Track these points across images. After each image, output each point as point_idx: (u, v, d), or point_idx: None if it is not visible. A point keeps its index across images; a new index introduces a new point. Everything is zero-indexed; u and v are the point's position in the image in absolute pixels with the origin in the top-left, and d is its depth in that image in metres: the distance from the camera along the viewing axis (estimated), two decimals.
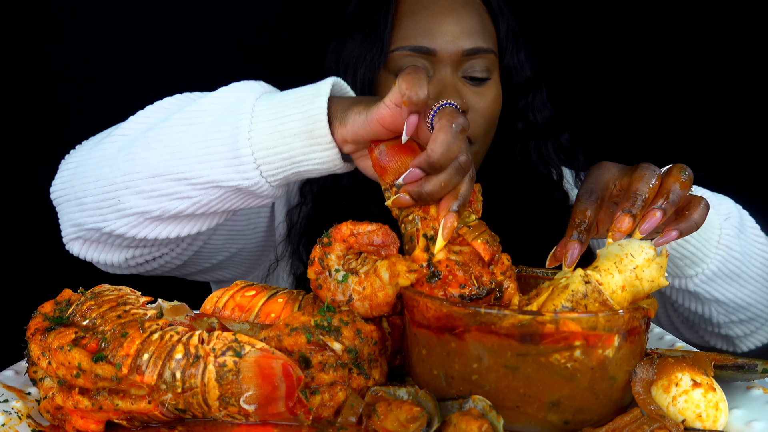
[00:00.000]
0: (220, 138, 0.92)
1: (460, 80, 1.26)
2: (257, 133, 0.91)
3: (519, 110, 1.37)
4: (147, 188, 0.97)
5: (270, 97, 0.94)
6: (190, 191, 0.95)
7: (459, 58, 1.24)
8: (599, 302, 0.77)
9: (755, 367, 0.79)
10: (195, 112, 0.96)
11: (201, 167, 0.93)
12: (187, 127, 0.95)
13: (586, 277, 0.78)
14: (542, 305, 0.78)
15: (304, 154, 0.91)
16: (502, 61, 1.32)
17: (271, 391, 0.72)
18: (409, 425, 0.70)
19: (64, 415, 0.75)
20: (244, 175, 0.92)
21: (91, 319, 0.78)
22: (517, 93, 1.36)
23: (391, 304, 0.83)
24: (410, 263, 0.83)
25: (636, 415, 0.74)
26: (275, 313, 0.84)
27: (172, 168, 0.94)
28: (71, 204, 1.05)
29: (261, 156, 0.91)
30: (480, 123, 1.26)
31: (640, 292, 0.80)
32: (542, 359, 0.71)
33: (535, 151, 1.38)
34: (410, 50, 1.24)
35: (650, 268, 0.80)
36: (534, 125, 1.37)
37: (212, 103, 0.96)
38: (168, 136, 0.96)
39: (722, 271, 1.11)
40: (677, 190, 0.84)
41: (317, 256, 0.85)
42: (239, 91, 0.96)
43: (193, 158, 0.93)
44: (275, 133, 0.91)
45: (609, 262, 0.80)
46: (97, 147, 1.03)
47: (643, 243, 0.81)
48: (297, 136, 0.90)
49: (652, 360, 0.77)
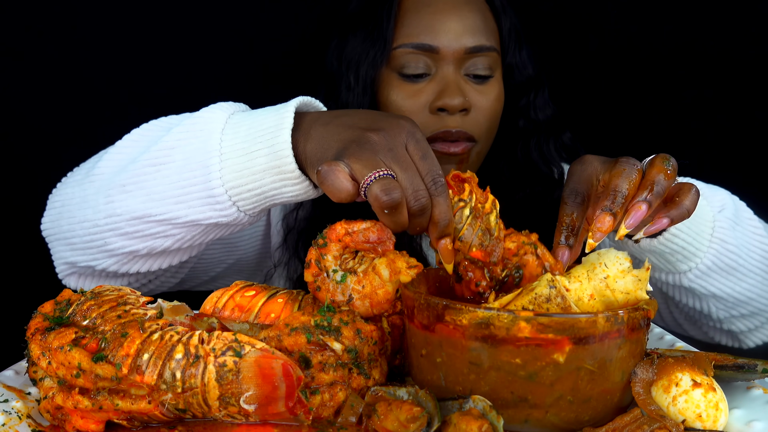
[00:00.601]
0: (193, 178, 0.93)
1: (462, 78, 1.26)
2: (227, 171, 0.91)
3: (520, 108, 1.37)
4: (130, 230, 0.98)
5: (237, 128, 0.93)
6: (171, 230, 0.97)
7: (462, 55, 1.25)
8: (561, 307, 0.76)
9: (755, 367, 0.79)
10: (163, 150, 0.95)
11: (179, 208, 0.94)
12: (158, 167, 0.95)
13: (552, 281, 0.77)
14: (506, 305, 0.78)
15: (276, 189, 0.91)
16: (505, 60, 1.33)
17: (271, 391, 0.72)
18: (409, 425, 0.70)
19: (64, 415, 0.75)
20: (221, 213, 0.93)
21: (91, 319, 0.78)
22: (518, 91, 1.35)
23: (391, 301, 0.83)
24: (409, 259, 0.83)
25: (636, 415, 0.74)
26: (275, 313, 0.84)
27: (151, 210, 0.95)
28: (61, 243, 1.06)
29: (235, 193, 0.92)
30: (482, 121, 1.26)
31: (613, 303, 0.78)
32: (541, 362, 0.71)
33: (536, 150, 1.37)
34: (413, 47, 1.25)
35: (624, 280, 0.78)
36: (535, 123, 1.37)
37: (179, 140, 0.95)
38: (141, 178, 0.96)
39: (717, 265, 1.08)
40: (662, 181, 0.82)
41: (313, 258, 0.85)
42: (205, 122, 0.95)
43: (169, 200, 0.94)
44: (245, 170, 0.91)
45: (582, 269, 0.80)
46: (79, 186, 1.04)
47: (619, 253, 0.79)
48: (266, 172, 0.90)
49: (652, 360, 0.77)
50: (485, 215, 0.82)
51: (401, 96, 1.26)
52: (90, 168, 1.05)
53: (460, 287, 0.84)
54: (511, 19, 1.33)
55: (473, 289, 0.83)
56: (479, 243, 0.81)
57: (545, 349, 0.71)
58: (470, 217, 0.82)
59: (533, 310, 0.76)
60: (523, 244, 0.83)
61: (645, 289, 0.78)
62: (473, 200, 0.83)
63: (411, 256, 0.84)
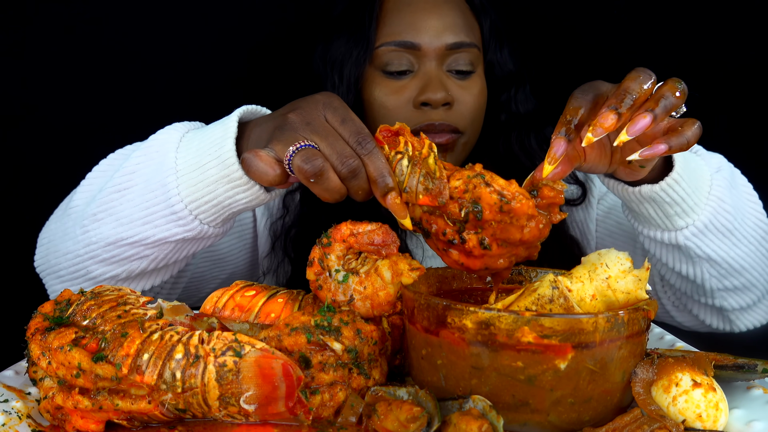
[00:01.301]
0: (155, 198, 0.97)
1: (444, 74, 1.29)
2: (184, 187, 0.95)
3: (502, 103, 1.40)
4: (107, 256, 1.02)
5: (189, 144, 0.97)
6: (145, 251, 1.00)
7: (443, 52, 1.28)
8: (564, 308, 0.76)
9: (755, 367, 0.79)
10: (126, 175, 1.00)
11: (146, 229, 0.98)
12: (122, 192, 1.00)
13: (554, 282, 0.77)
14: (509, 306, 0.78)
15: (230, 198, 0.94)
16: (486, 56, 1.36)
17: (271, 391, 0.72)
18: (409, 425, 0.70)
19: (64, 415, 0.75)
20: (185, 228, 0.97)
21: (91, 319, 0.78)
22: (500, 86, 1.39)
23: (392, 303, 0.84)
24: (411, 261, 0.83)
25: (636, 415, 0.74)
26: (275, 313, 0.84)
27: (122, 234, 0.99)
28: (52, 277, 1.10)
29: (194, 207, 0.95)
30: (466, 114, 1.30)
31: (614, 303, 0.78)
32: (543, 366, 0.71)
33: (518, 143, 1.40)
34: (395, 45, 1.28)
35: (625, 280, 0.78)
36: (516, 117, 1.40)
37: (138, 164, 1.00)
38: (109, 205, 1.00)
39: (713, 224, 1.06)
40: (670, 98, 0.80)
41: (317, 257, 0.85)
42: (160, 143, 0.99)
43: (137, 222, 0.98)
44: (199, 183, 0.94)
45: (583, 269, 0.80)
46: (60, 222, 1.09)
47: (620, 254, 0.79)
48: (218, 183, 0.93)
49: (652, 360, 0.77)
50: (423, 159, 0.81)
51: (384, 92, 1.30)
52: (67, 202, 1.11)
53: (433, 242, 0.83)
54: (491, 18, 1.37)
55: (443, 239, 0.81)
56: (424, 188, 0.80)
57: (547, 355, 0.71)
58: (410, 166, 0.81)
59: (536, 311, 0.76)
60: (470, 178, 0.79)
61: (645, 289, 0.78)
62: (410, 149, 0.82)
63: (413, 259, 0.84)
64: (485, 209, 0.78)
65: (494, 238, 0.79)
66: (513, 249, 0.81)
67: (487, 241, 0.80)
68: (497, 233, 0.79)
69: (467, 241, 0.80)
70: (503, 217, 0.78)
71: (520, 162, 1.39)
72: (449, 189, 0.80)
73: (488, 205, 0.78)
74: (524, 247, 0.81)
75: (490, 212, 0.78)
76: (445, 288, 0.90)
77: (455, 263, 0.83)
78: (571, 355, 0.71)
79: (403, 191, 0.81)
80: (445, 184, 0.80)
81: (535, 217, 0.79)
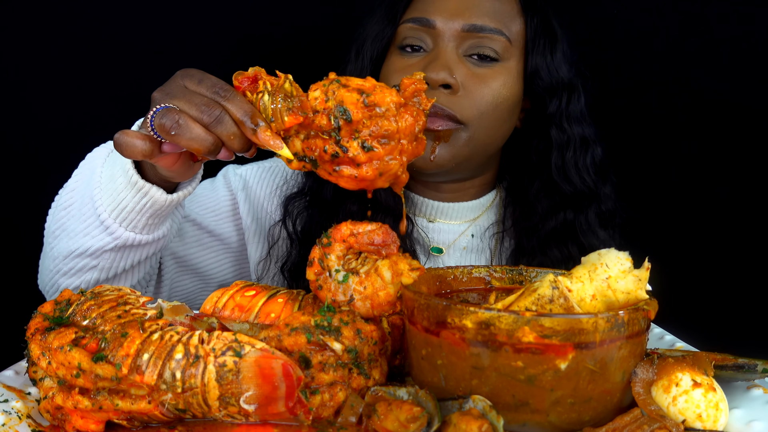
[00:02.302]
0: (88, 211, 1.03)
1: (460, 58, 1.21)
2: (105, 198, 1.01)
3: (550, 116, 1.28)
4: (66, 269, 1.08)
5: (111, 159, 1.02)
6: (91, 261, 1.06)
7: (458, 33, 1.21)
8: (564, 308, 0.76)
9: (755, 367, 0.79)
10: (69, 193, 1.07)
11: (86, 240, 1.04)
12: (68, 209, 1.07)
13: (554, 282, 0.77)
14: (509, 306, 0.78)
15: (138, 202, 1.00)
16: (529, 56, 1.26)
17: (271, 391, 0.72)
18: (409, 425, 0.70)
19: (64, 415, 0.75)
20: (115, 235, 1.03)
21: (91, 319, 0.78)
22: (547, 96, 1.27)
23: (392, 303, 0.84)
24: (411, 261, 0.83)
25: (636, 415, 0.74)
26: (275, 313, 0.84)
27: (70, 247, 1.06)
28: (48, 295, 1.17)
29: (116, 215, 1.01)
30: (473, 105, 1.19)
31: (614, 303, 0.78)
32: (543, 366, 0.71)
33: (569, 164, 1.28)
34: (412, 22, 1.24)
35: (625, 280, 0.78)
36: (567, 134, 1.28)
37: (77, 181, 1.07)
38: (61, 222, 1.08)
39: None
40: None
41: (317, 257, 0.85)
42: (92, 160, 1.06)
43: (79, 234, 1.05)
44: (113, 192, 1.00)
45: (583, 269, 0.80)
46: (44, 243, 1.15)
47: (620, 254, 0.79)
48: (126, 190, 0.99)
49: (652, 360, 0.77)
50: (280, 87, 0.82)
51: (392, 69, 1.25)
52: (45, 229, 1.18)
53: (323, 170, 0.83)
54: (543, 15, 1.26)
55: (328, 159, 0.82)
56: (286, 109, 0.80)
57: (548, 355, 0.71)
58: (270, 98, 0.82)
59: (536, 311, 0.76)
60: (326, 87, 0.81)
61: (645, 289, 0.78)
62: (269, 87, 0.82)
63: (413, 259, 0.84)
64: (351, 110, 0.79)
65: (372, 136, 0.81)
66: (396, 145, 0.82)
67: (368, 142, 0.81)
68: (373, 132, 0.80)
69: (348, 149, 0.81)
70: (371, 112, 0.80)
71: (571, 185, 1.28)
72: (311, 102, 0.81)
73: (352, 105, 0.80)
74: (408, 141, 0.82)
75: (357, 110, 0.80)
76: (445, 288, 0.90)
77: (351, 180, 0.83)
78: (571, 355, 0.71)
79: (271, 122, 0.81)
80: (304, 99, 0.81)
81: (405, 105, 0.82)
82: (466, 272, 0.91)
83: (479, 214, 1.36)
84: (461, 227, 1.35)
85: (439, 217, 1.34)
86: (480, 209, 1.36)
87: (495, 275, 0.92)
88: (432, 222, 1.35)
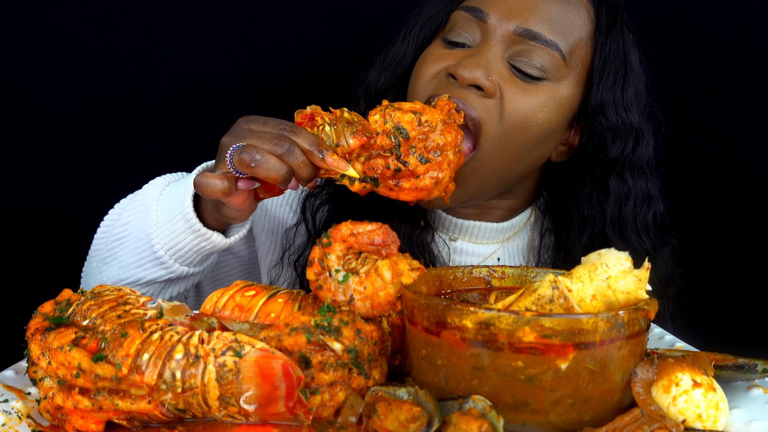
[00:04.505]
0: (143, 246, 1.10)
1: (504, 64, 1.08)
2: (162, 237, 1.07)
3: (611, 162, 1.13)
4: None
5: (165, 199, 1.09)
6: (141, 290, 1.12)
7: (509, 35, 1.08)
8: (564, 308, 0.76)
9: (755, 367, 0.79)
10: (122, 226, 1.14)
11: (138, 271, 1.11)
12: (121, 241, 1.13)
13: (554, 282, 0.77)
14: (509, 306, 0.78)
15: (197, 245, 1.07)
16: (595, 87, 1.11)
17: (271, 391, 0.72)
18: (409, 425, 0.70)
19: (64, 415, 0.75)
20: (169, 270, 1.10)
21: (91, 319, 0.78)
22: (609, 136, 1.12)
23: (392, 303, 0.84)
24: (411, 261, 0.83)
25: (636, 415, 0.74)
26: (275, 313, 0.84)
27: (121, 276, 1.12)
28: None
29: (173, 253, 1.08)
30: (501, 121, 1.06)
31: (614, 303, 0.78)
32: (543, 367, 0.71)
33: (631, 222, 1.15)
34: (465, 11, 1.12)
35: (625, 280, 0.77)
36: (628, 184, 1.14)
37: (131, 215, 1.13)
38: (113, 251, 1.14)
39: None
40: None
41: (317, 257, 0.85)
42: (145, 197, 1.12)
43: (131, 266, 1.11)
44: (171, 234, 1.07)
45: (583, 269, 0.79)
46: (88, 263, 1.22)
47: (620, 254, 0.78)
48: (185, 233, 1.06)
49: (652, 360, 0.77)
50: (340, 117, 0.92)
51: (427, 56, 1.13)
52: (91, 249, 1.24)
53: (384, 187, 0.94)
54: (619, 43, 1.11)
55: (390, 175, 0.92)
56: (351, 134, 0.90)
57: (548, 355, 0.71)
58: (332, 128, 0.91)
59: (536, 311, 0.76)
60: (383, 111, 0.93)
61: (645, 289, 0.78)
62: (326, 119, 0.92)
63: (414, 259, 0.85)
64: (408, 128, 0.92)
65: (426, 150, 0.93)
66: (445, 156, 0.94)
67: (424, 154, 0.93)
68: (426, 146, 0.93)
69: (408, 162, 0.92)
70: (423, 129, 0.93)
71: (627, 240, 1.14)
72: (372, 125, 0.92)
73: (408, 124, 0.92)
74: (453, 151, 0.95)
75: (413, 128, 0.92)
76: (446, 288, 0.90)
77: (412, 191, 0.94)
78: (572, 355, 0.71)
79: (337, 147, 0.91)
80: (366, 123, 0.92)
81: (446, 121, 0.95)
82: (466, 272, 0.91)
83: (509, 236, 1.26)
84: (487, 249, 1.25)
85: (462, 236, 1.25)
86: (510, 231, 1.26)
87: (495, 275, 0.92)
88: (454, 241, 1.25)
